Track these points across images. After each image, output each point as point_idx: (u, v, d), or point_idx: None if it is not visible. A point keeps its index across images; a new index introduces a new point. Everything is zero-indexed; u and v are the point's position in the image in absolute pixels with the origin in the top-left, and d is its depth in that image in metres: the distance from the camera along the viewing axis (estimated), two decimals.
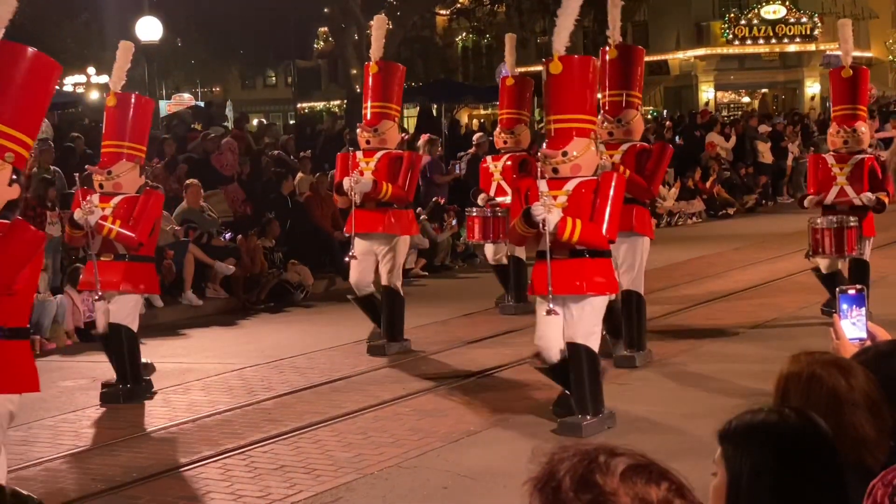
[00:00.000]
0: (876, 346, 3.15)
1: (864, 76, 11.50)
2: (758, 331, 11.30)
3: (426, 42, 43.22)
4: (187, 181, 15.24)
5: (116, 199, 9.49)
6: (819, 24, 42.83)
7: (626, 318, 10.11)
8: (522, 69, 34.89)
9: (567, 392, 8.13)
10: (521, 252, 12.75)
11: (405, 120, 38.59)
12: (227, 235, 15.25)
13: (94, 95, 35.47)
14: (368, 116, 10.99)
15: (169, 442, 8.32)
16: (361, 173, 10.77)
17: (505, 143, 12.91)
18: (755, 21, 42.76)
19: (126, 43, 10.05)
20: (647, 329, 10.32)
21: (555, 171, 7.87)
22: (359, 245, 11.00)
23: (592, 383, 7.91)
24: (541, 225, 7.66)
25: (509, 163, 12.70)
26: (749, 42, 43.02)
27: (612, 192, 7.81)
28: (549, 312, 7.83)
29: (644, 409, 8.59)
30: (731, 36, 42.80)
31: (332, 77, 48.83)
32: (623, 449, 1.83)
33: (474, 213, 12.93)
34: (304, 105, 46.51)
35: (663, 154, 10.24)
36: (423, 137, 20.14)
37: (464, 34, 45.75)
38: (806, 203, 11.52)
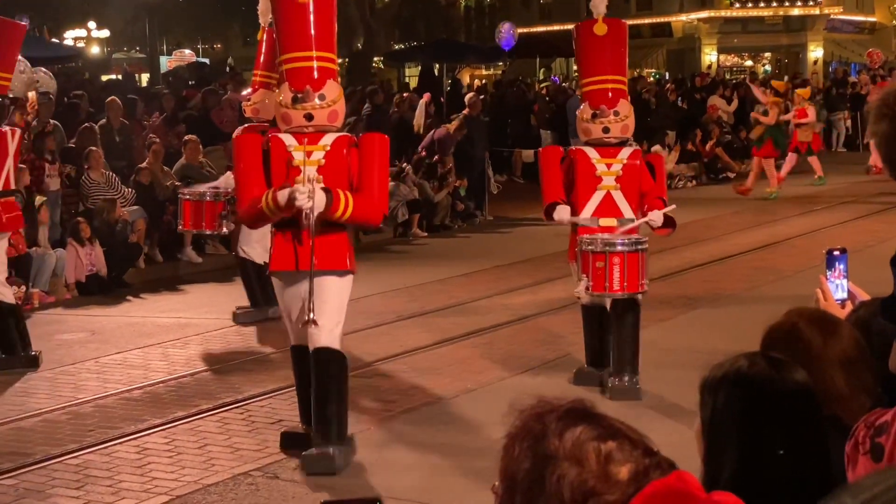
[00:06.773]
0: (873, 301, 3.19)
1: (623, 35, 8.18)
2: (755, 293, 11.34)
3: (428, 1, 43.01)
4: (186, 137, 15.22)
5: None
6: None
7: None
8: (524, 30, 34.90)
9: None
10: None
11: (408, 79, 38.61)
12: None
13: (94, 50, 35.33)
14: None
15: (167, 395, 8.38)
16: None
17: (256, 112, 10.15)
18: None
19: None
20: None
21: None
22: None
23: None
24: None
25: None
26: (752, 5, 42.79)
27: None
28: None
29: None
30: None
31: None
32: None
33: (186, 196, 10.75)
34: None
35: (378, 149, 6.70)
36: (426, 97, 20.16)
37: None
38: (555, 216, 7.96)
